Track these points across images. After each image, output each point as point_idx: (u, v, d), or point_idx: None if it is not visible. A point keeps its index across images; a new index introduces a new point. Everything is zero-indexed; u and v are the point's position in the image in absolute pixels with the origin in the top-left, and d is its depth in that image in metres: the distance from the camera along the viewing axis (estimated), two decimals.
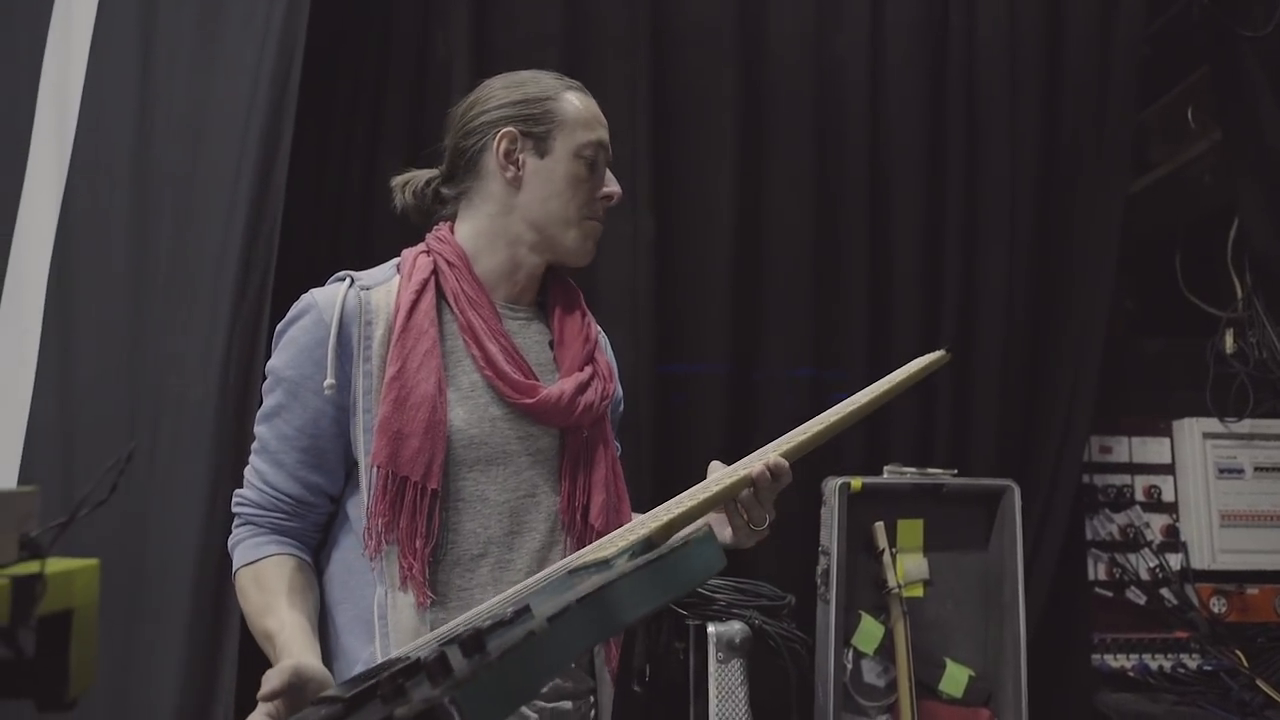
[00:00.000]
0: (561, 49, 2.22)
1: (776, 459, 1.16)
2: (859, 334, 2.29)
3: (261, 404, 1.27)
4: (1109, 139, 2.37)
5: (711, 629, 1.69)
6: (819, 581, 1.93)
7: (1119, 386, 2.46)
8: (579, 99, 1.33)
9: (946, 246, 2.34)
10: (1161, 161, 2.69)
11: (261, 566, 1.21)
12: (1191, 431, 2.43)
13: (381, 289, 1.27)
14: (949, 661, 1.98)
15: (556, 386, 1.27)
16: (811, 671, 1.88)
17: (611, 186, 1.35)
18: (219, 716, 1.67)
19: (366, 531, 1.19)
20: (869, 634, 1.94)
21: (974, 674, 1.97)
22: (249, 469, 1.26)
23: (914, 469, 2.00)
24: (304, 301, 1.26)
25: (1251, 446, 2.43)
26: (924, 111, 2.36)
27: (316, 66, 1.94)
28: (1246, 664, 2.23)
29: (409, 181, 1.37)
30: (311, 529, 1.26)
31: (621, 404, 1.49)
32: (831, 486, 1.93)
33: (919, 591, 1.98)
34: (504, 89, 1.32)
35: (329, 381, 1.20)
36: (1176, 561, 2.36)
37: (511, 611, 0.69)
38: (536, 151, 1.30)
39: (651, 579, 0.76)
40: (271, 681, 1.00)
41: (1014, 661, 1.94)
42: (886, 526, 1.97)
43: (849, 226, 2.33)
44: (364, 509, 1.20)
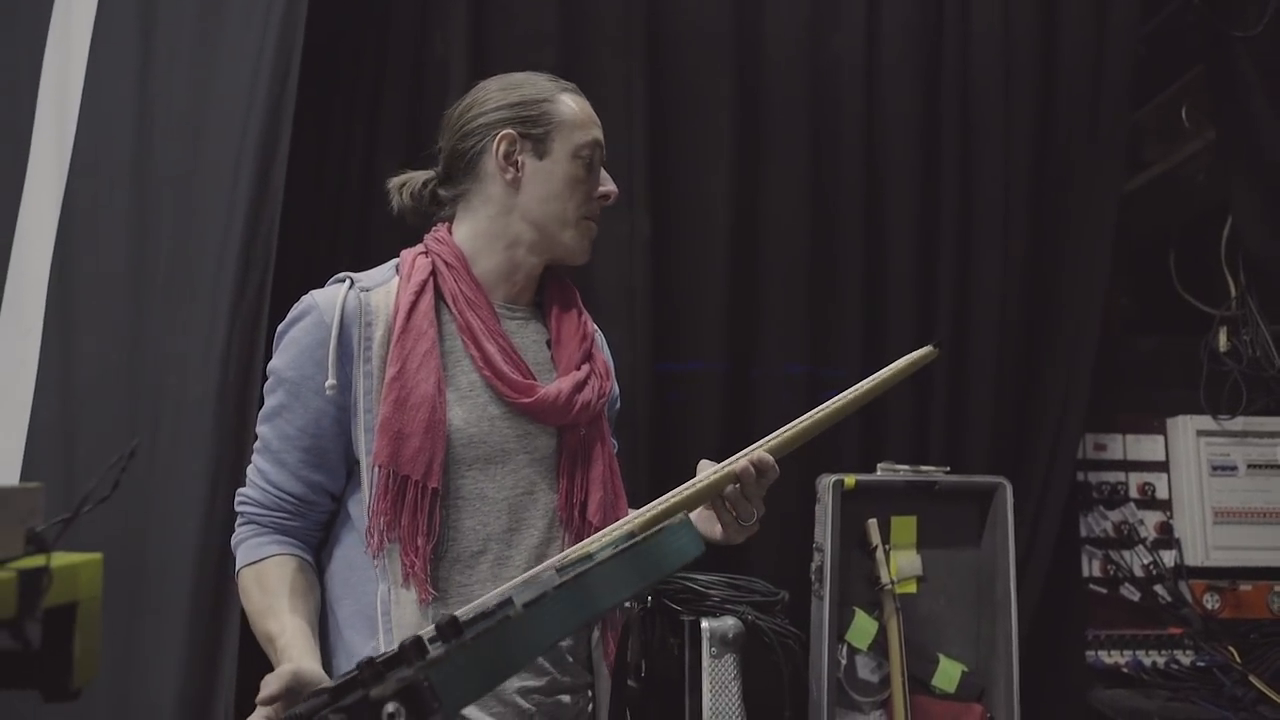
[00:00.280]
0: (559, 48, 2.22)
1: (761, 455, 1.18)
2: (855, 332, 2.30)
3: (263, 404, 1.28)
4: (1103, 139, 2.37)
5: (705, 624, 1.70)
6: (813, 578, 1.94)
7: (1113, 384, 2.46)
8: (574, 100, 1.34)
9: (942, 244, 2.34)
10: (1156, 160, 2.69)
11: (264, 567, 1.22)
12: (1185, 429, 2.44)
13: (381, 290, 1.28)
14: (942, 657, 1.99)
15: (554, 385, 1.28)
16: (805, 666, 1.88)
17: (608, 186, 1.37)
18: (219, 713, 1.68)
19: (368, 529, 1.20)
20: (862, 630, 1.95)
21: (967, 669, 1.98)
22: (251, 468, 1.27)
23: (907, 466, 2.00)
24: (304, 303, 1.27)
25: (1245, 444, 2.44)
26: (919, 109, 2.36)
27: (315, 66, 1.95)
28: (1239, 660, 2.24)
29: (406, 183, 1.38)
30: (313, 527, 1.27)
31: (618, 402, 1.51)
32: (825, 484, 1.94)
33: (912, 588, 1.99)
34: (500, 91, 1.33)
35: (330, 382, 1.21)
36: (1170, 558, 2.37)
37: (495, 604, 0.71)
38: (535, 153, 1.31)
39: (628, 565, 0.78)
40: (271, 685, 1.02)
41: (1006, 657, 1.95)
42: (880, 523, 1.97)
43: (845, 225, 2.33)
44: (365, 507, 1.21)
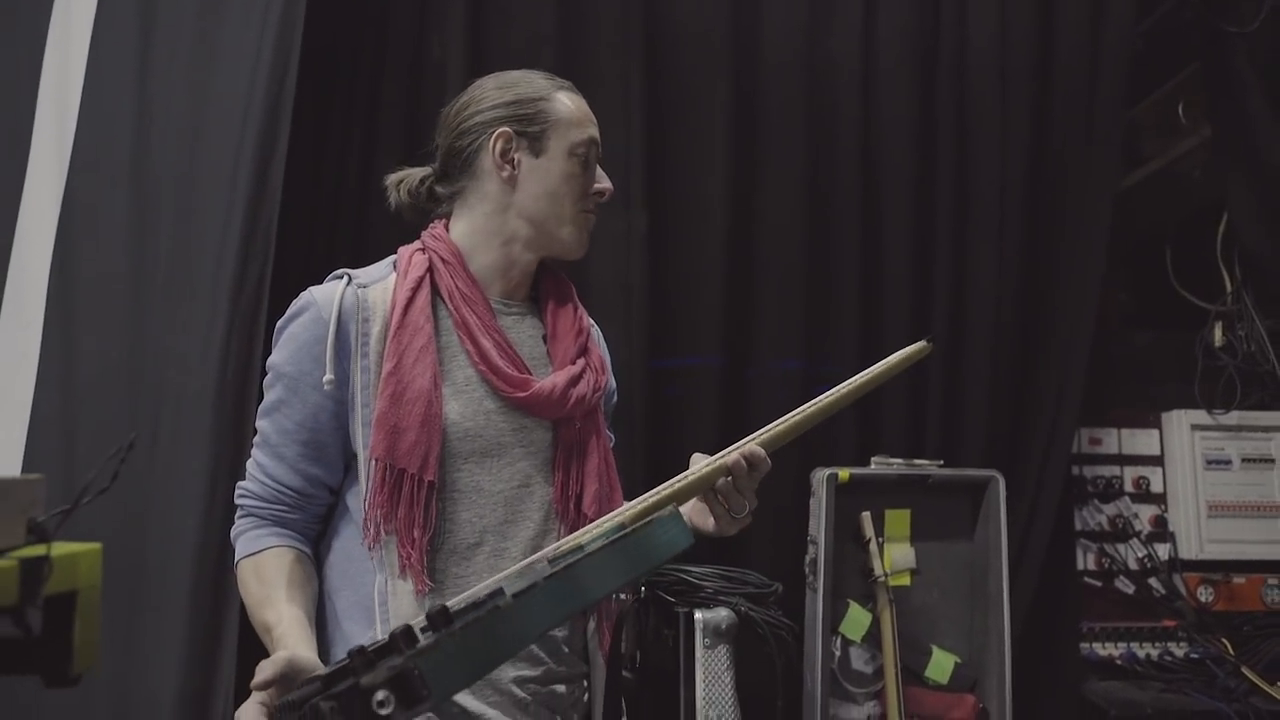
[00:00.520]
0: (556, 48, 2.23)
1: (752, 448, 1.19)
2: (850, 328, 2.31)
3: (262, 399, 1.29)
4: (1099, 136, 2.38)
5: (699, 616, 1.72)
6: (807, 570, 1.95)
7: (1109, 378, 2.47)
8: (570, 98, 1.36)
9: (937, 240, 2.35)
10: (1153, 156, 2.69)
11: (262, 559, 1.23)
12: (1180, 423, 2.45)
13: (378, 286, 1.29)
14: (935, 648, 2.00)
15: (549, 380, 1.30)
16: (799, 657, 1.90)
17: (603, 183, 1.38)
18: (219, 706, 1.69)
19: (366, 522, 1.21)
20: (856, 622, 1.96)
21: (960, 660, 1.99)
22: (251, 462, 1.29)
23: (901, 460, 2.01)
24: (303, 299, 1.28)
25: (1239, 438, 2.45)
26: (915, 110, 2.37)
27: (313, 65, 1.96)
28: (1232, 652, 2.25)
29: (403, 180, 1.39)
30: (312, 520, 1.29)
31: (614, 395, 1.52)
32: (820, 477, 1.96)
33: (906, 580, 2.00)
34: (497, 89, 1.34)
35: (328, 378, 1.22)
36: (1164, 551, 2.38)
37: (486, 594, 0.72)
38: (532, 151, 1.32)
39: (617, 556, 0.79)
40: (265, 671, 1.03)
41: (999, 648, 1.96)
42: (874, 516, 1.99)
43: (840, 222, 2.34)
44: (363, 500, 1.22)
